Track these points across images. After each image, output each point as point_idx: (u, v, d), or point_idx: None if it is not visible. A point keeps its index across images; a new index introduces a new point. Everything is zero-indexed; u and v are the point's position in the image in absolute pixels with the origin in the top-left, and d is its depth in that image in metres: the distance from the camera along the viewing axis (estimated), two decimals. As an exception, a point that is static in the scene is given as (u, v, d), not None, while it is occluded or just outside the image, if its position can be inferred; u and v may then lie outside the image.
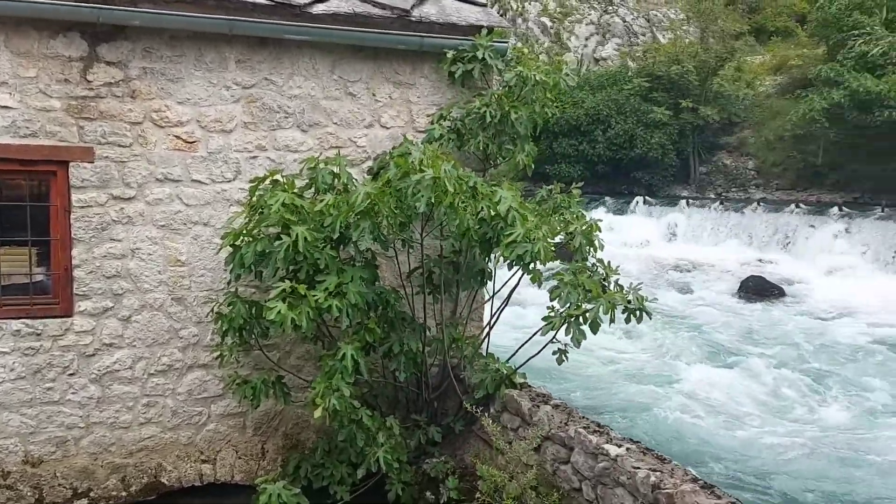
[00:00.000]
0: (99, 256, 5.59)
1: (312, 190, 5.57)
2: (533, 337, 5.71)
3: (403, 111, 6.31)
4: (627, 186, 30.81)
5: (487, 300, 6.53)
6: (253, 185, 5.46)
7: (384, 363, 6.01)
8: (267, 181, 5.42)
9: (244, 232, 5.36)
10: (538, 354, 5.76)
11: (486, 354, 6.18)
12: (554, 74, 6.24)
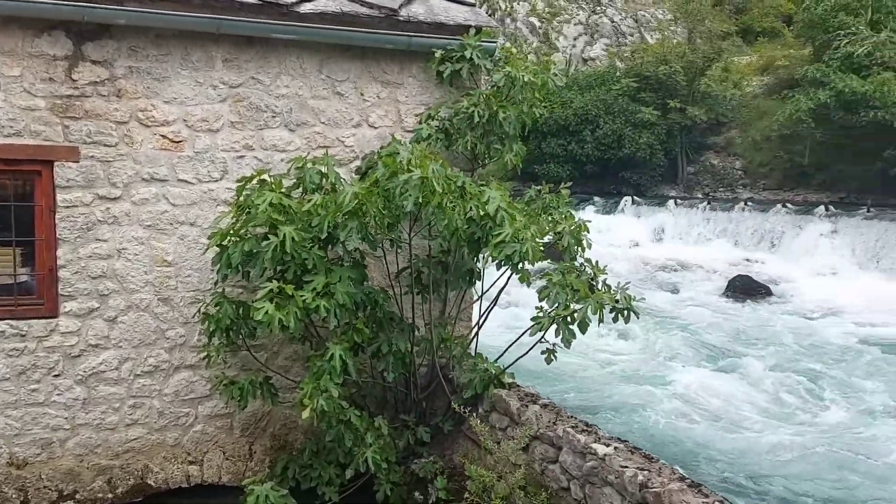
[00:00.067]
0: (84, 257, 5.54)
1: (300, 190, 5.55)
2: (521, 337, 5.72)
3: (391, 111, 6.30)
4: (616, 186, 30.91)
5: (476, 300, 6.53)
6: (240, 184, 5.43)
7: (372, 363, 5.99)
8: (254, 181, 5.40)
9: (231, 232, 5.34)
10: (527, 355, 5.77)
11: (474, 354, 6.18)
12: (542, 74, 6.25)
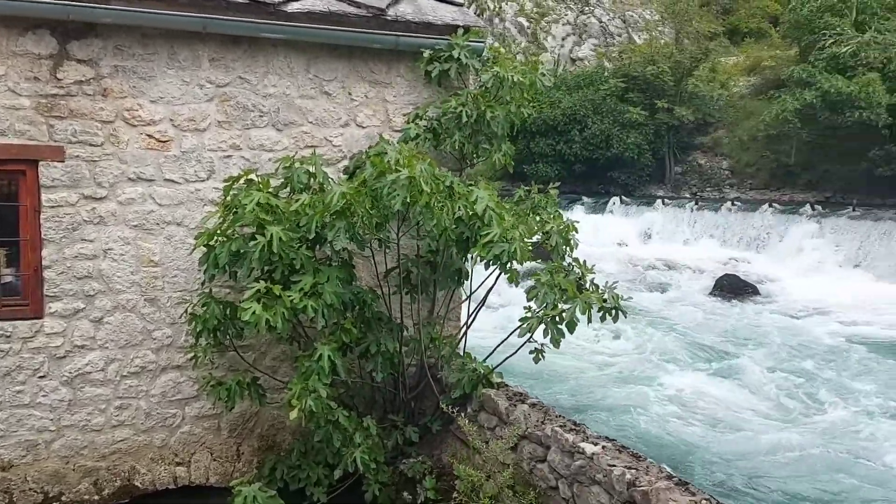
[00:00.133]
0: (70, 257, 5.50)
1: (288, 189, 5.53)
2: (510, 337, 5.72)
3: (379, 110, 6.29)
4: (604, 186, 31.01)
5: (465, 300, 6.53)
6: (227, 184, 5.41)
7: (361, 363, 5.98)
8: (241, 180, 5.37)
9: (218, 232, 5.31)
10: (515, 354, 5.77)
11: (463, 354, 6.18)
12: (530, 74, 6.25)
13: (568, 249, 5.78)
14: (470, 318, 6.38)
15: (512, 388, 5.81)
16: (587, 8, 41.04)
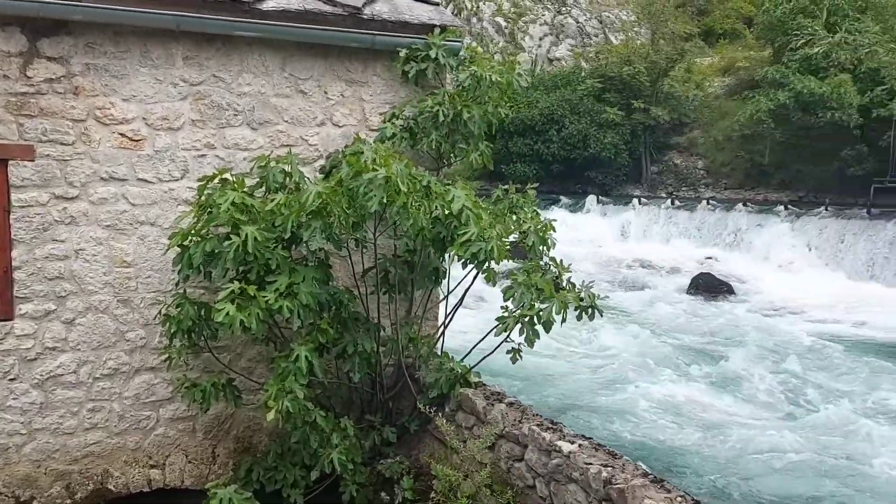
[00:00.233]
0: (41, 258, 5.41)
1: (263, 189, 5.49)
2: (486, 337, 5.73)
3: (356, 109, 6.26)
4: (581, 186, 31.20)
5: (442, 299, 6.53)
6: (201, 183, 5.35)
7: (338, 364, 5.95)
8: (216, 180, 5.32)
9: (192, 232, 5.25)
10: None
11: (441, 354, 6.17)
12: (507, 74, 6.26)
13: (545, 249, 5.80)
14: (448, 317, 6.37)
15: (489, 387, 5.81)
16: (564, 8, 41.24)
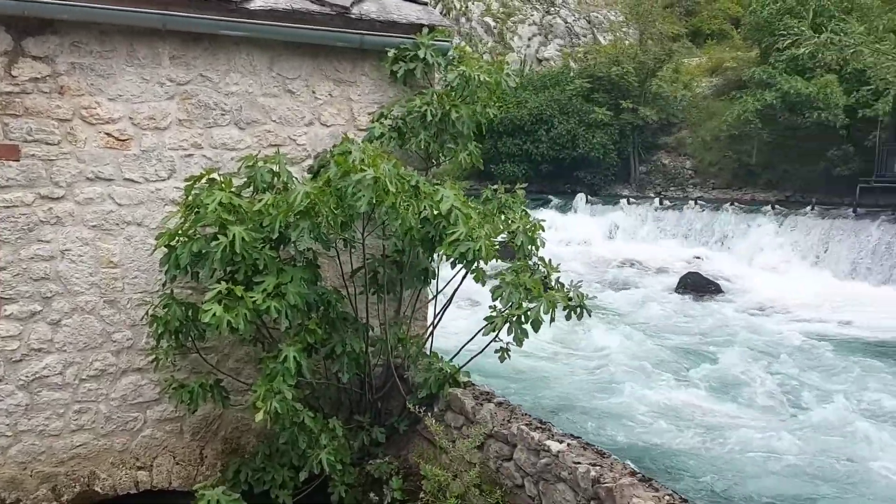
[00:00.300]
0: (26, 258, 5.37)
1: (251, 189, 5.46)
2: (475, 337, 5.73)
3: (344, 109, 6.25)
4: (570, 185, 31.29)
5: (431, 299, 6.52)
6: (189, 183, 5.32)
7: (326, 364, 5.94)
8: (203, 180, 5.29)
9: (180, 232, 5.22)
10: (488, 356, 5.72)
11: (429, 353, 6.17)
12: (496, 74, 6.26)
13: (534, 248, 5.80)
14: (437, 317, 6.37)
15: (478, 387, 5.81)
16: (553, 8, 41.33)
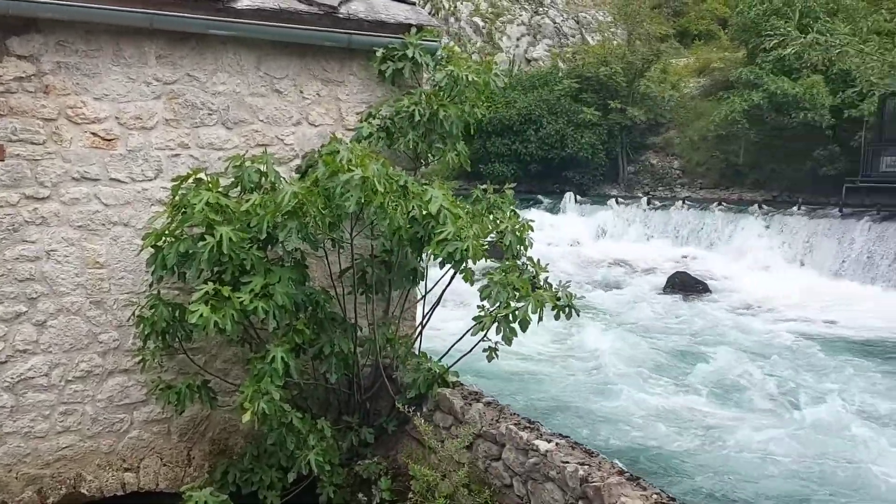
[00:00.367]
0: (10, 259, 5.32)
1: (238, 189, 5.44)
2: (464, 336, 5.73)
3: (332, 109, 6.23)
4: (559, 185, 31.36)
5: (420, 299, 6.52)
6: (175, 183, 5.29)
7: (314, 365, 5.92)
8: (190, 180, 5.26)
9: (166, 232, 5.20)
10: (483, 359, 5.70)
11: (418, 354, 6.16)
12: (484, 74, 6.26)
13: (522, 248, 5.81)
14: (425, 317, 6.37)
15: (467, 386, 5.81)
16: (541, 9, 41.40)
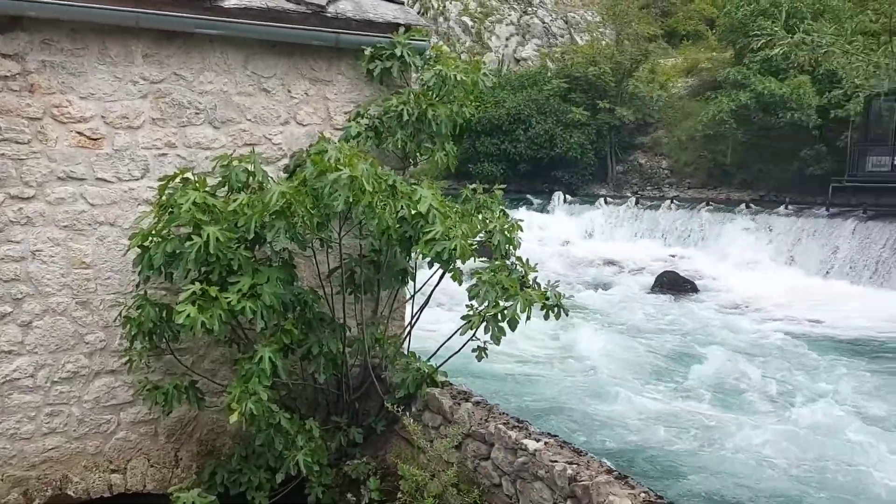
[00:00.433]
0: (-5, 259, 5.28)
1: (225, 189, 5.41)
2: (455, 337, 5.73)
3: (320, 108, 6.21)
4: (548, 185, 31.42)
5: (408, 299, 6.51)
6: (162, 183, 5.26)
7: (303, 365, 5.90)
8: (177, 179, 5.23)
9: (153, 232, 5.16)
10: (476, 360, 5.69)
11: (407, 354, 6.15)
12: (472, 74, 6.26)
13: (511, 248, 5.81)
14: (414, 317, 6.36)
15: (456, 386, 5.81)
16: (530, 8, 41.45)
